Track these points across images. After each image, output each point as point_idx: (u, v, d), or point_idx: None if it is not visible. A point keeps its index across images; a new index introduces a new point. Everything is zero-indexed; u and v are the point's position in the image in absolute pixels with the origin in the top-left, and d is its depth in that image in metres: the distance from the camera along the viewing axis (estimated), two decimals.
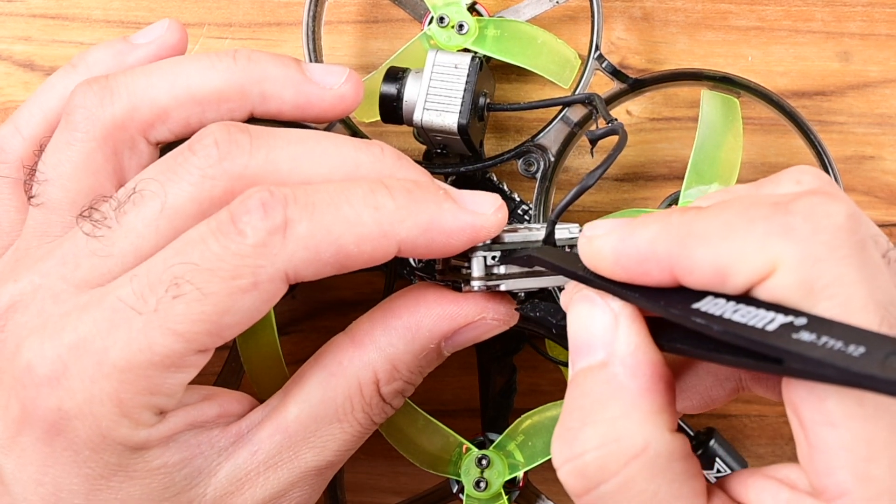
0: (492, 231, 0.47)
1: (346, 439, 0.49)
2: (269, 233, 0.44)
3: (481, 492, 0.55)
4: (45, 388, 0.44)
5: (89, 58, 0.53)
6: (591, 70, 0.57)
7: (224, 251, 0.44)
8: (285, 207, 0.44)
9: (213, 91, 0.49)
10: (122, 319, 0.44)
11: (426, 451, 0.56)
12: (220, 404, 0.48)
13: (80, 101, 0.49)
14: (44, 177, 0.49)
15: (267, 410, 0.49)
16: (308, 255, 0.44)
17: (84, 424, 0.44)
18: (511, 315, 0.50)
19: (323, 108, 0.51)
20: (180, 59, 0.50)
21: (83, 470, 0.45)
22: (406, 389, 0.50)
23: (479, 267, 0.48)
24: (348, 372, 0.48)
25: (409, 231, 0.46)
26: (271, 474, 0.48)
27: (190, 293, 0.43)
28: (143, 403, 0.45)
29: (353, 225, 0.45)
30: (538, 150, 0.57)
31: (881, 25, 0.62)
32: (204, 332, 0.44)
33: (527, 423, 0.56)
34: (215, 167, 0.46)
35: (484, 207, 0.47)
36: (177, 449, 0.46)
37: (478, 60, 0.54)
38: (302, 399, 0.48)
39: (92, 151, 0.49)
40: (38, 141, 0.51)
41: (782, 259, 0.38)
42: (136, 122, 0.49)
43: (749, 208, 0.40)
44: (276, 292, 0.45)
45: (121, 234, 0.46)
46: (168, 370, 0.44)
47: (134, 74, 0.50)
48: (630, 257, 0.41)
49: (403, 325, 0.49)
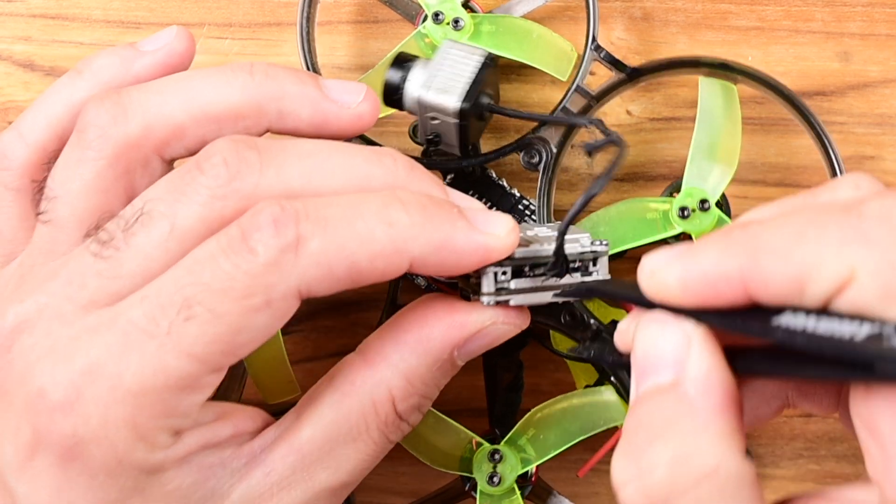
0: (503, 252, 0.47)
1: (361, 458, 0.48)
2: (281, 251, 0.43)
3: (495, 487, 0.55)
4: (59, 414, 0.44)
5: (95, 64, 0.52)
6: (588, 60, 0.57)
7: (235, 270, 0.43)
8: (297, 224, 0.43)
9: (230, 108, 0.48)
10: (134, 343, 0.43)
11: (437, 449, 0.56)
12: (234, 424, 0.48)
13: (92, 118, 0.48)
14: (53, 193, 0.48)
15: (280, 430, 0.48)
16: (321, 271, 0.44)
17: (100, 449, 0.44)
18: (523, 318, 0.49)
19: (340, 126, 0.50)
20: (195, 73, 0.49)
21: (98, 494, 0.44)
22: (423, 405, 0.49)
23: (490, 283, 0.48)
24: (362, 391, 0.48)
25: (422, 249, 0.45)
26: (285, 496, 0.47)
27: (202, 315, 0.43)
28: (159, 426, 0.44)
29: (367, 241, 0.44)
30: (540, 142, 0.57)
31: (881, 25, 0.62)
32: (218, 353, 0.43)
33: (538, 416, 0.56)
34: (225, 187, 0.45)
35: (497, 229, 0.47)
36: (190, 471, 0.46)
37: (491, 56, 0.54)
38: (315, 419, 0.48)
39: (103, 170, 0.48)
40: (43, 148, 0.51)
41: (861, 265, 0.37)
42: (150, 140, 0.48)
43: (818, 215, 0.38)
44: (288, 309, 0.44)
45: (129, 256, 0.45)
46: (183, 392, 0.44)
47: (148, 91, 0.49)
48: (699, 282, 0.40)
49: (414, 339, 0.48)
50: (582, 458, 0.56)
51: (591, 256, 0.48)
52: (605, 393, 0.56)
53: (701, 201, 0.56)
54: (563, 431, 0.55)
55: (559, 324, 0.55)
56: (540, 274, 0.48)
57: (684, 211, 0.56)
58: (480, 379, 0.60)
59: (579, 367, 0.58)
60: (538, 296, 0.48)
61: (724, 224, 0.56)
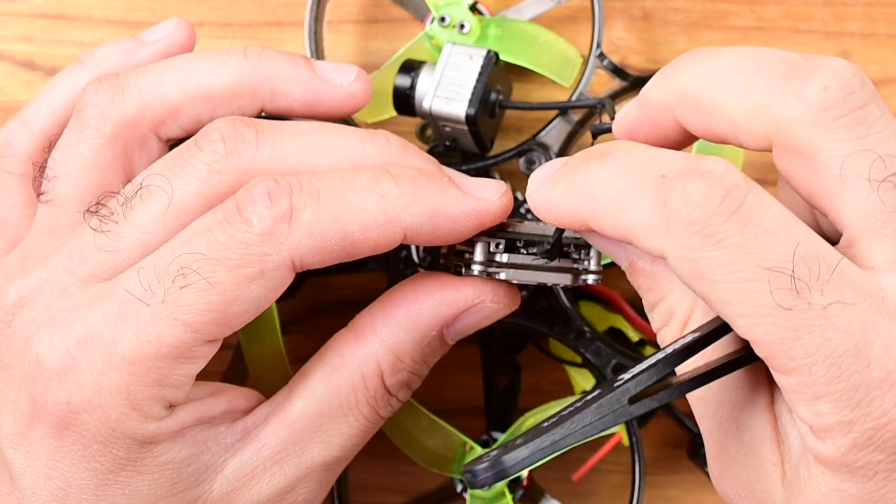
0: (497, 216, 0.47)
1: (352, 434, 0.49)
2: (274, 221, 0.44)
3: (485, 491, 0.55)
4: (55, 382, 0.45)
5: (98, 54, 0.53)
6: (592, 68, 0.57)
7: (230, 240, 0.44)
8: (290, 195, 0.44)
9: (224, 88, 0.50)
10: (130, 311, 0.44)
11: (430, 451, 0.56)
12: (227, 400, 0.48)
13: (91, 98, 0.49)
14: (53, 173, 0.49)
15: (272, 407, 0.49)
16: (314, 242, 0.45)
17: (93, 417, 0.45)
18: (512, 298, 0.50)
19: (332, 105, 0.51)
20: (191, 56, 0.51)
21: (92, 464, 0.45)
22: (411, 381, 0.50)
23: (482, 252, 0.48)
24: (351, 365, 0.49)
25: (414, 218, 0.46)
26: (277, 470, 0.48)
27: (197, 283, 0.44)
28: (152, 395, 0.45)
29: (359, 213, 0.45)
30: (540, 149, 0.57)
31: (881, 25, 0.62)
32: (212, 322, 0.44)
33: (530, 420, 0.56)
34: (222, 162, 0.46)
35: (489, 193, 0.47)
36: (184, 444, 0.47)
37: (493, 54, 0.54)
38: (306, 394, 0.49)
39: (102, 148, 0.49)
40: (47, 136, 0.52)
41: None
42: (147, 119, 0.49)
43: (637, 179, 0.40)
44: (282, 280, 0.45)
45: (128, 230, 0.46)
46: (177, 361, 0.45)
47: (145, 72, 0.50)
48: (554, 214, 0.43)
49: (404, 314, 0.49)
50: (582, 456, 0.57)
51: (584, 243, 0.48)
52: None
53: None
54: None
55: (551, 330, 0.56)
56: (533, 252, 0.48)
57: None
58: (476, 379, 0.61)
59: (576, 373, 0.58)
60: (529, 274, 0.48)
61: None
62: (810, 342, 0.37)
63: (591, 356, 0.55)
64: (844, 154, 0.40)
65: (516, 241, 0.48)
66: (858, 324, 0.38)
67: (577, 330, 0.56)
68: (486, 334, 0.59)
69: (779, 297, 0.37)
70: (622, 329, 0.58)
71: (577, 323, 0.55)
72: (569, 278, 0.49)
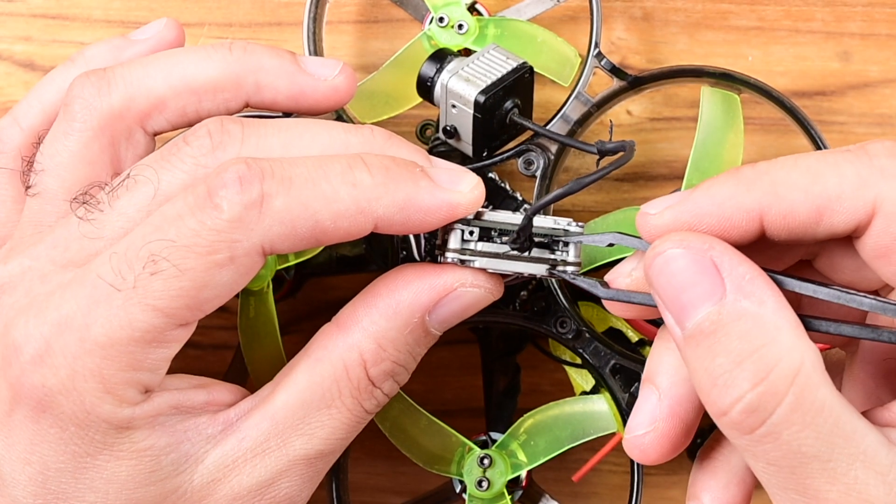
0: (468, 209, 0.47)
1: (335, 426, 0.49)
2: (245, 207, 0.44)
3: (483, 491, 0.55)
4: (30, 366, 0.45)
5: (87, 53, 0.54)
6: (590, 68, 0.57)
7: (200, 227, 0.44)
8: (262, 181, 0.44)
9: (209, 81, 0.50)
10: (102, 296, 0.44)
11: (429, 452, 0.56)
12: (209, 392, 0.49)
13: (77, 92, 0.50)
14: (41, 167, 0.49)
15: (256, 400, 0.49)
16: (284, 229, 0.45)
17: (68, 401, 0.45)
18: (494, 284, 0.50)
19: (317, 98, 0.52)
20: (177, 50, 0.51)
21: (70, 447, 0.45)
22: (396, 372, 0.50)
23: (456, 240, 0.48)
24: (333, 356, 0.49)
25: (385, 209, 0.46)
26: (259, 462, 0.48)
27: (167, 270, 0.44)
28: (125, 380, 0.45)
29: (331, 201, 0.45)
30: (538, 149, 0.57)
31: (881, 25, 0.62)
32: (183, 307, 0.44)
33: (529, 422, 0.56)
34: (207, 156, 0.47)
35: (461, 186, 0.48)
36: (163, 432, 0.47)
37: (528, 66, 0.54)
38: (289, 386, 0.49)
39: (89, 141, 0.49)
40: (37, 132, 0.52)
41: (885, 197, 0.41)
42: (133, 111, 0.49)
43: (827, 156, 0.42)
44: (252, 266, 0.45)
45: (112, 217, 0.46)
46: (150, 345, 0.45)
47: (131, 66, 0.50)
48: (713, 215, 0.43)
49: (384, 303, 0.49)
50: (582, 457, 0.57)
51: (561, 234, 0.49)
52: (597, 402, 0.56)
53: None
54: (553, 438, 0.56)
55: (550, 330, 0.56)
56: (506, 242, 0.48)
57: None
58: (475, 379, 0.61)
59: (576, 373, 0.58)
60: (504, 263, 0.48)
61: None
62: None
63: (589, 357, 0.55)
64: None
65: (491, 231, 0.49)
66: None
67: (575, 330, 0.55)
68: (486, 335, 0.59)
69: None
70: (621, 329, 0.58)
71: (576, 323, 0.55)
72: (544, 269, 0.49)
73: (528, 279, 0.56)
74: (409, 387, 0.56)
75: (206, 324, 0.60)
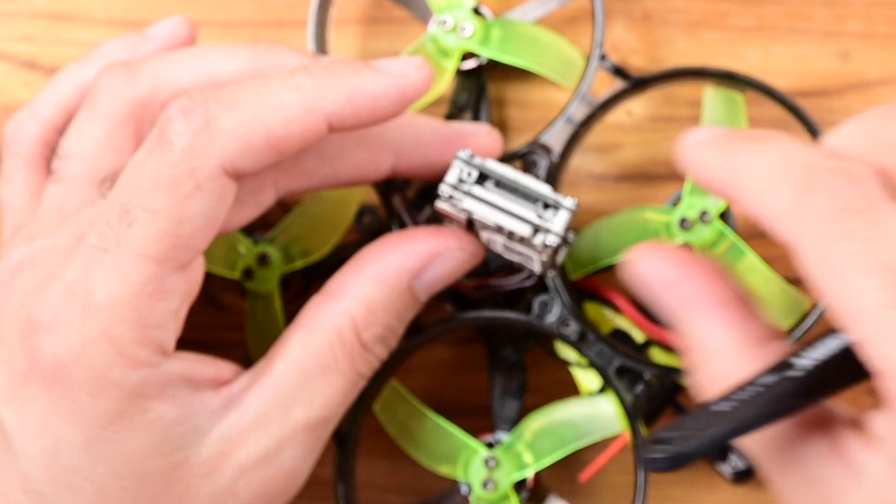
0: (419, 88, 0.48)
1: (332, 392, 0.50)
2: (194, 134, 0.45)
3: (489, 493, 0.56)
4: (44, 336, 0.46)
5: (103, 49, 0.55)
6: (593, 69, 0.58)
7: (158, 165, 0.45)
8: (205, 107, 0.46)
9: (234, 75, 0.50)
10: (94, 261, 0.45)
11: (436, 453, 0.57)
12: (215, 368, 0.49)
13: (105, 81, 0.51)
14: (65, 152, 0.50)
15: (253, 374, 0.50)
16: (239, 145, 0.46)
17: (80, 367, 0.45)
18: (477, 247, 0.52)
19: None
20: (202, 46, 0.53)
21: (80, 418, 0.46)
22: (387, 337, 0.51)
23: (454, 174, 0.49)
24: (325, 323, 0.50)
25: (333, 104, 0.47)
26: (262, 432, 0.49)
27: (140, 216, 0.45)
28: (135, 338, 0.46)
29: (277, 108, 0.46)
30: (541, 151, 0.57)
31: (881, 25, 0.63)
32: (170, 248, 0.45)
33: (535, 423, 0.56)
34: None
35: (406, 69, 0.48)
36: (173, 405, 0.47)
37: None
38: (285, 357, 0.50)
39: (115, 129, 0.50)
40: (53, 124, 0.53)
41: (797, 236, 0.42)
42: (158, 102, 0.50)
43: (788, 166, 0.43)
44: (223, 189, 0.46)
45: None
46: (152, 298, 0.46)
47: (157, 58, 0.51)
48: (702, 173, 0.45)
49: (372, 269, 0.50)
50: (589, 457, 0.57)
51: (553, 202, 0.49)
52: (603, 403, 0.56)
53: (702, 213, 0.56)
54: (559, 439, 0.56)
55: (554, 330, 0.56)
56: (507, 190, 0.50)
57: (685, 222, 0.56)
58: (480, 378, 0.61)
59: (581, 373, 0.58)
60: (491, 212, 0.49)
61: (724, 237, 0.56)
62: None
63: (594, 357, 0.55)
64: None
65: (489, 177, 0.50)
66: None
67: (580, 331, 0.56)
68: (492, 335, 0.59)
69: (892, 295, 0.39)
70: (627, 331, 0.58)
71: (580, 324, 0.56)
72: (528, 230, 0.49)
73: (525, 286, 0.56)
74: (407, 387, 0.57)
75: (207, 323, 0.60)
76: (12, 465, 0.47)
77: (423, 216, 0.57)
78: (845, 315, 0.40)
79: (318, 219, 0.57)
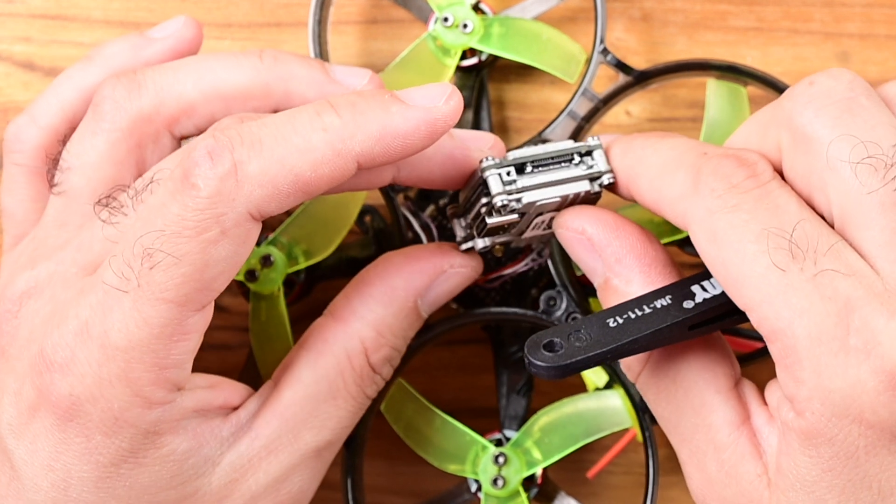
0: (448, 121, 0.47)
1: (341, 416, 0.50)
2: (220, 179, 0.44)
3: (499, 489, 0.55)
4: (58, 375, 0.45)
5: (106, 51, 0.53)
6: (596, 64, 0.58)
7: (183, 210, 0.44)
8: (232, 150, 0.44)
9: (239, 88, 0.50)
10: (112, 301, 0.44)
11: (444, 451, 0.57)
12: (223, 394, 0.49)
13: (108, 93, 0.50)
14: (67, 165, 0.50)
15: (261, 399, 0.49)
16: (266, 191, 0.45)
17: (96, 408, 0.45)
18: (477, 262, 0.52)
19: None
20: (207, 56, 0.51)
21: (94, 457, 0.45)
22: (392, 357, 0.51)
23: (497, 183, 0.48)
24: (335, 348, 0.50)
25: (362, 145, 0.46)
26: (273, 459, 0.49)
27: (164, 260, 0.44)
28: (153, 379, 0.45)
29: (305, 152, 0.45)
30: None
31: (880, 26, 0.63)
32: (192, 292, 0.45)
33: (543, 419, 0.56)
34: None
35: (434, 100, 0.47)
36: (185, 437, 0.47)
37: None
38: (293, 382, 0.49)
39: (117, 142, 0.49)
40: (55, 130, 0.52)
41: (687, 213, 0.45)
42: (162, 115, 0.50)
43: (683, 153, 0.46)
44: (247, 234, 0.45)
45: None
46: (171, 340, 0.45)
47: (162, 69, 0.50)
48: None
49: (379, 291, 0.50)
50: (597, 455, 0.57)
51: (584, 150, 0.50)
52: (611, 398, 0.56)
53: None
54: (568, 435, 0.56)
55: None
56: (546, 165, 0.49)
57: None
58: (480, 379, 0.61)
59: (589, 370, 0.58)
60: (549, 190, 0.49)
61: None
62: (796, 304, 0.41)
63: None
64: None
65: (525, 165, 0.49)
66: (843, 294, 0.41)
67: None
68: (498, 333, 0.59)
69: (775, 258, 0.41)
70: None
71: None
72: (586, 183, 0.50)
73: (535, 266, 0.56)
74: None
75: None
76: (20, 495, 0.47)
77: (427, 215, 0.57)
78: (732, 284, 0.42)
79: (320, 219, 0.57)
